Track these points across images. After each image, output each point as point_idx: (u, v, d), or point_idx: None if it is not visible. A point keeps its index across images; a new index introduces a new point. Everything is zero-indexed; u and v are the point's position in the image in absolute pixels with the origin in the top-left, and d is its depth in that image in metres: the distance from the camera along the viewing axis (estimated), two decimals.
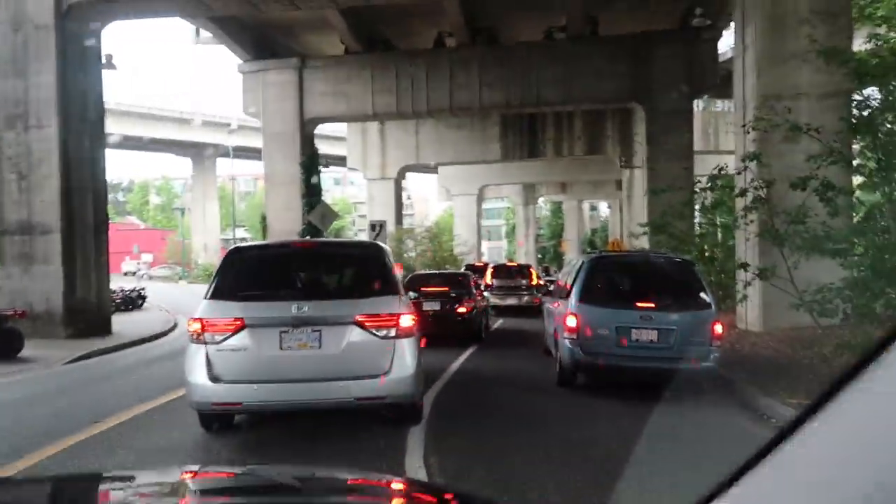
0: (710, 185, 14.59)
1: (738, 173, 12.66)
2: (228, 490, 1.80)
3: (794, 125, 10.49)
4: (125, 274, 50.80)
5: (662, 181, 19.70)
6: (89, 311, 15.80)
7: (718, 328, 8.39)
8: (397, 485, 2.04)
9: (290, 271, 6.67)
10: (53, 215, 15.21)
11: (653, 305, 8.45)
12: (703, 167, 25.88)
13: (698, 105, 30.62)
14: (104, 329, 16.10)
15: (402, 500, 1.75)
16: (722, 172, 13.43)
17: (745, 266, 11.68)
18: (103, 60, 17.15)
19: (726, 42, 26.54)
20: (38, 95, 15.20)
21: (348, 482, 1.93)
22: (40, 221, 15.23)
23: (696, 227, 20.72)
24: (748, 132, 11.95)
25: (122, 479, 2.01)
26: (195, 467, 2.60)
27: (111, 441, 6.22)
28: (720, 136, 33.46)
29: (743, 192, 11.99)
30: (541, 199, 64.52)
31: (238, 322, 5.75)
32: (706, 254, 17.77)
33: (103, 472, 4.53)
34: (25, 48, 15.23)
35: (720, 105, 34.48)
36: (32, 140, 15.23)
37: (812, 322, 10.37)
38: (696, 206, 21.48)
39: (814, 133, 10.20)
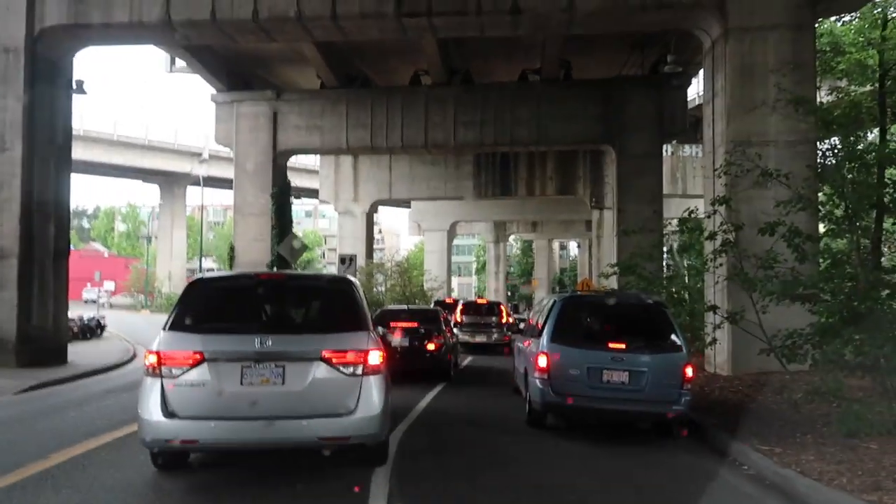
0: (680, 228, 14.75)
1: (708, 217, 12.79)
2: None
3: (765, 170, 10.65)
4: (86, 301, 49.51)
5: (632, 223, 19.90)
6: (45, 340, 15.22)
7: (689, 371, 8.33)
8: None
9: (255, 304, 6.43)
10: (12, 240, 14.71)
11: (624, 347, 8.37)
12: (671, 211, 26.34)
13: (667, 150, 31.24)
14: (59, 358, 15.52)
15: None
16: (692, 216, 13.57)
17: (714, 308, 11.70)
18: (74, 86, 16.87)
19: (693, 89, 27.34)
20: (3, 118, 14.85)
21: None
22: None
23: (665, 270, 20.90)
24: (720, 176, 12.11)
25: None
26: None
27: (56, 479, 5.87)
28: (688, 180, 34.15)
29: (712, 236, 12.09)
30: (512, 237, 64.88)
31: (197, 356, 5.50)
32: (675, 296, 17.87)
33: None
34: None
35: (688, 150, 35.26)
36: None
37: (781, 367, 10.37)
38: (665, 249, 21.74)
39: (783, 179, 10.35)
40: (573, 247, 77.22)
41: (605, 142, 23.38)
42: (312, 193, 42.11)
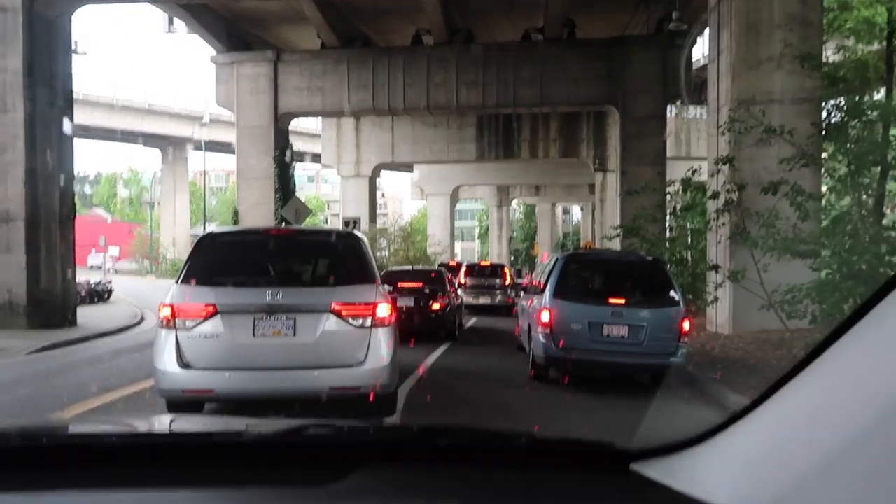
0: (682, 188, 14.79)
1: (711, 176, 12.83)
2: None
3: (769, 127, 10.64)
4: (91, 267, 49.74)
5: (635, 185, 19.90)
6: (54, 302, 15.41)
7: (686, 325, 8.65)
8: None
9: (265, 258, 6.54)
10: (17, 203, 14.77)
11: (623, 302, 8.67)
12: (674, 173, 26.21)
13: (671, 111, 31.03)
14: (69, 321, 15.72)
15: (454, 430, 1.63)
16: (694, 176, 13.60)
17: (716, 268, 11.83)
18: (73, 46, 16.76)
19: (698, 50, 27.04)
20: (4, 79, 14.79)
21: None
22: (3, 209, 14.79)
23: (668, 231, 20.98)
24: (723, 134, 12.11)
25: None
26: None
27: None
28: (692, 142, 33.95)
29: (715, 195, 12.14)
30: (514, 201, 64.77)
31: (210, 308, 5.62)
32: (677, 256, 17.98)
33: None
34: None
35: (692, 111, 34.99)
36: None
37: (781, 324, 10.52)
38: (668, 210, 21.76)
39: (787, 136, 10.36)
40: (576, 211, 77.15)
41: (608, 102, 23.24)
42: (315, 158, 42.00)
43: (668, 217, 22.13)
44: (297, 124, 37.12)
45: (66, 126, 16.20)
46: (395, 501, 1.11)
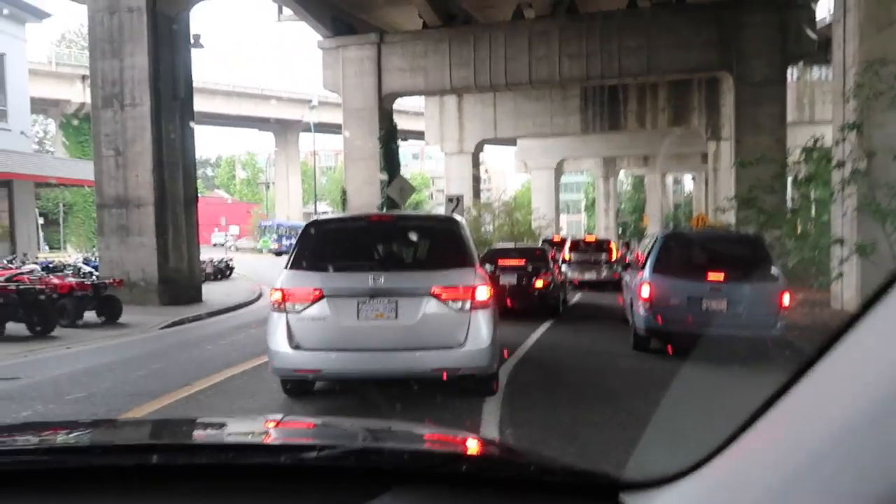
0: (804, 157, 13.86)
1: (836, 144, 11.94)
2: (309, 434, 1.86)
3: None
4: (214, 245, 53.05)
5: (751, 154, 18.88)
6: (181, 280, 16.60)
7: (786, 299, 8.70)
8: (472, 442, 2.03)
9: (368, 243, 6.77)
10: (147, 189, 16.00)
11: (722, 277, 8.83)
12: (796, 139, 24.55)
13: (792, 73, 28.97)
14: (195, 297, 16.91)
15: (474, 457, 1.73)
16: (817, 144, 12.71)
17: (840, 242, 11.06)
18: (191, 41, 17.77)
19: (822, 6, 25.00)
20: (132, 75, 15.94)
21: (424, 437, 1.95)
22: (135, 195, 16.06)
23: (789, 202, 19.76)
24: (848, 100, 11.22)
25: (214, 424, 2.12)
26: (279, 416, 2.74)
27: (200, 403, 6.55)
28: (816, 106, 31.65)
29: (841, 164, 11.32)
30: (622, 173, 62.95)
31: (317, 292, 5.90)
32: (798, 230, 16.94)
33: (198, 417, 4.77)
34: (121, 31, 15.96)
35: (816, 73, 32.51)
36: (128, 118, 16.02)
37: None
38: (789, 180, 20.45)
39: None
40: (688, 180, 73.99)
41: (721, 68, 22.02)
42: (418, 135, 42.51)
43: (788, 187, 20.82)
44: (400, 103, 37.66)
45: (188, 115, 17.28)
46: None
